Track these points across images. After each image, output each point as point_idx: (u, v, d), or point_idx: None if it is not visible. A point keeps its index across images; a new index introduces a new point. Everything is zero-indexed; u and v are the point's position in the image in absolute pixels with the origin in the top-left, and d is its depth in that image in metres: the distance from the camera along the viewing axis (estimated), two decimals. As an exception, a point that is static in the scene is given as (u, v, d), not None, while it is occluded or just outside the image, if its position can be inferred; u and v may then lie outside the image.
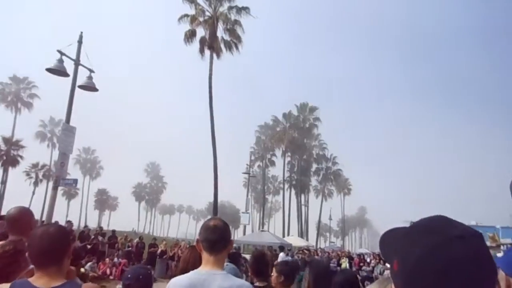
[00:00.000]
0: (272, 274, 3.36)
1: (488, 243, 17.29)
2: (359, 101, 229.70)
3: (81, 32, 13.25)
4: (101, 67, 13.50)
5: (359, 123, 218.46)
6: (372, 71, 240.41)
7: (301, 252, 24.24)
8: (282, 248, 19.74)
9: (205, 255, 2.17)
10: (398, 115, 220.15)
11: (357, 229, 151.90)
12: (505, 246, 24.73)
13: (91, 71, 13.36)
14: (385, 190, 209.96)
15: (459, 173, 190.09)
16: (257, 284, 3.35)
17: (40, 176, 61.03)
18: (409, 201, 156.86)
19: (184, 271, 3.16)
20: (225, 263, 2.97)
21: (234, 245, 19.78)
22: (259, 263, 3.45)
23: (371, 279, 20.36)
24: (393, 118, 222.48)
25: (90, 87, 13.37)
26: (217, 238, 2.14)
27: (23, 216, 2.82)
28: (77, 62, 12.93)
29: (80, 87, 13.19)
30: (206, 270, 2.10)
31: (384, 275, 18.32)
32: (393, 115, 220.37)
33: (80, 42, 13.07)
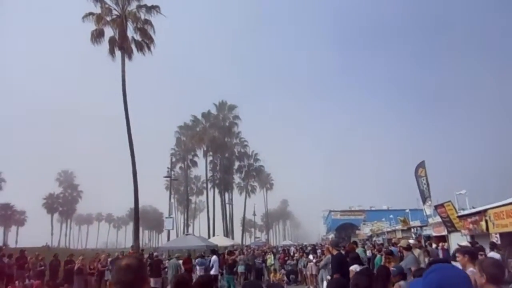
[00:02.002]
0: None
1: (399, 226, 18.67)
2: (276, 96, 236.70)
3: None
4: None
5: (277, 117, 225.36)
6: (286, 62, 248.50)
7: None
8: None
9: None
10: (314, 104, 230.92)
11: (280, 222, 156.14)
12: (415, 228, 26.91)
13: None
14: (304, 181, 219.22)
15: (372, 160, 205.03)
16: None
17: None
18: (326, 190, 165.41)
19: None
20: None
21: (156, 253, 19.16)
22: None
23: (296, 272, 21.08)
24: (308, 110, 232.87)
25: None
26: (129, 279, 1.94)
27: None
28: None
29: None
30: None
31: (307, 267, 19.03)
32: (308, 107, 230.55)
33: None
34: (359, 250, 14.24)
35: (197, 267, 17.73)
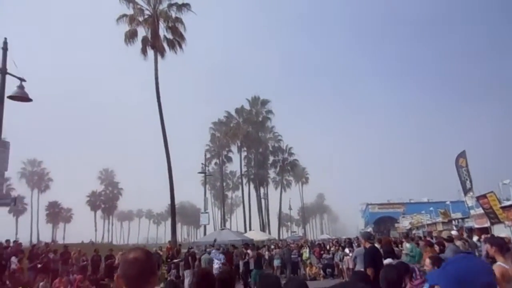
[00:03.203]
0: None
1: (440, 219, 17.98)
2: (310, 90, 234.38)
3: (5, 38, 12.25)
4: (38, 74, 12.50)
5: (311, 111, 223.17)
6: (323, 57, 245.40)
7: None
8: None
9: None
10: (350, 97, 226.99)
11: (317, 216, 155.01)
12: (456, 220, 25.92)
13: (21, 79, 12.37)
14: (341, 174, 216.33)
15: (411, 152, 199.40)
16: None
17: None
18: (364, 183, 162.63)
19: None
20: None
21: (192, 249, 19.34)
22: (203, 283, 3.20)
23: (332, 266, 20.76)
24: (346, 102, 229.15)
25: (21, 97, 12.37)
26: (136, 272, 1.85)
27: None
28: (3, 71, 11.94)
29: (10, 97, 12.20)
30: None
31: (344, 261, 18.69)
32: (346, 98, 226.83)
33: (5, 49, 12.08)
34: (408, 246, 13.58)
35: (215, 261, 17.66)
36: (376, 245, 8.84)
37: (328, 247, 23.05)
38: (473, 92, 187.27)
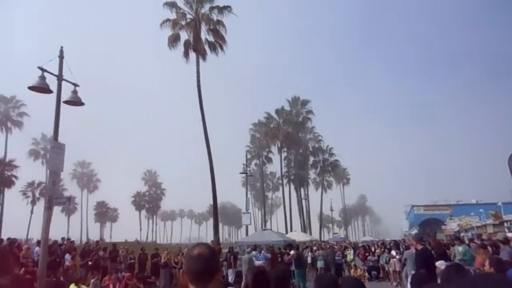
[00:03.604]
0: None
1: (490, 221, 17.18)
2: (351, 90, 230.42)
3: (61, 47, 12.90)
4: (86, 79, 13.10)
5: (351, 111, 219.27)
6: (365, 55, 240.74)
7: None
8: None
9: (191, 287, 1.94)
10: (391, 97, 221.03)
11: (359, 217, 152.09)
12: (509, 222, 24.65)
13: (75, 85, 13.00)
14: (383, 175, 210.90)
15: (457, 152, 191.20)
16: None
17: (37, 195, 60.58)
18: (408, 184, 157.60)
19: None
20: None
21: (236, 250, 19.58)
22: (259, 281, 3.23)
23: (377, 268, 20.29)
24: (385, 102, 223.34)
25: (75, 101, 13.01)
26: (201, 268, 1.89)
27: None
28: (60, 78, 12.58)
29: (66, 102, 12.85)
30: None
31: (390, 263, 18.22)
32: (386, 98, 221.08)
33: (61, 56, 12.70)
34: (461, 249, 12.98)
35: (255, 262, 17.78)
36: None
37: (373, 249, 22.56)
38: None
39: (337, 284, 2.71)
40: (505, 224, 25.12)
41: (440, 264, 7.40)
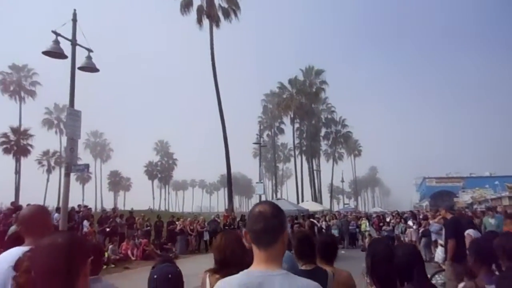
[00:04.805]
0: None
1: (506, 193, 16.84)
2: (364, 60, 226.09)
3: (75, 10, 12.54)
4: (99, 46, 12.80)
5: (365, 81, 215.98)
6: (380, 23, 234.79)
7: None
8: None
9: (255, 250, 1.71)
10: (405, 67, 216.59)
11: (369, 189, 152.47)
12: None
13: (89, 50, 12.74)
14: (393, 147, 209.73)
15: (469, 124, 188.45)
16: (303, 268, 2.97)
17: (52, 163, 61.52)
18: (418, 157, 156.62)
19: (223, 262, 2.75)
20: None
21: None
22: (304, 245, 3.06)
23: (392, 239, 20.24)
24: (400, 70, 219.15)
25: (90, 67, 12.78)
26: (263, 228, 1.67)
27: (38, 216, 2.46)
28: (74, 42, 12.30)
29: (80, 68, 12.62)
30: (259, 270, 1.64)
31: (406, 233, 18.12)
32: (400, 67, 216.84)
33: (74, 20, 12.38)
34: (493, 221, 12.65)
35: None
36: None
37: (389, 219, 22.50)
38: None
39: (391, 250, 2.52)
40: (523, 196, 24.78)
41: (470, 233, 7.21)
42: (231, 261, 2.65)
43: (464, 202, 47.69)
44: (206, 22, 28.36)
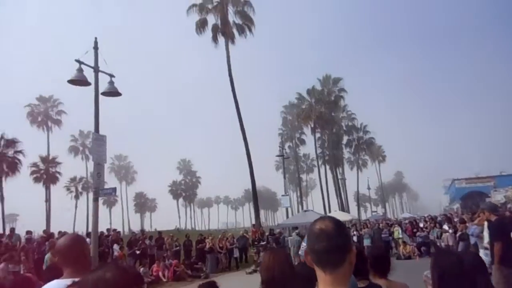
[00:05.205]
0: None
1: None
2: (384, 63, 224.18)
3: (96, 38, 12.82)
4: (119, 71, 13.02)
5: (383, 85, 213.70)
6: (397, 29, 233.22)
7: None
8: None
9: (319, 274, 1.54)
10: (425, 70, 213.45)
11: (396, 195, 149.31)
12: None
13: (111, 76, 12.95)
14: (418, 151, 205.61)
15: (495, 122, 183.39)
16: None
17: (80, 189, 62.61)
18: (445, 158, 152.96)
19: (271, 282, 2.59)
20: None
21: (278, 229, 19.21)
22: (357, 260, 2.87)
23: (427, 244, 19.59)
24: (421, 73, 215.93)
25: (113, 92, 12.97)
26: (327, 247, 1.50)
27: (75, 246, 2.37)
28: (96, 69, 12.54)
29: (103, 94, 12.82)
30: None
31: (442, 238, 17.49)
32: (420, 71, 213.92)
33: (96, 48, 12.65)
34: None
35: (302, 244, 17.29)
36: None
37: (422, 225, 21.81)
38: None
39: (462, 263, 2.30)
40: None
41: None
42: (280, 282, 2.51)
43: (498, 202, 46.08)
44: (221, 39, 28.70)
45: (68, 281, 2.03)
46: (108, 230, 21.50)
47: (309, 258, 1.57)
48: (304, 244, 15.63)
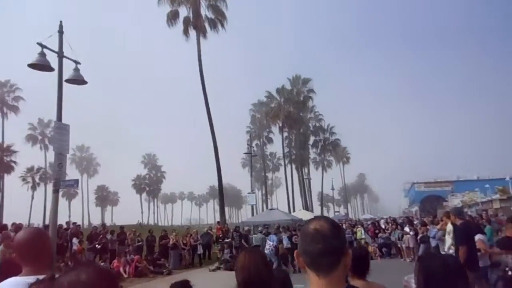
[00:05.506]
0: None
1: (497, 196, 16.94)
2: (351, 67, 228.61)
3: (61, 22, 12.19)
4: (82, 58, 12.35)
5: (350, 88, 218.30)
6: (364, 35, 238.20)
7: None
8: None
9: (312, 277, 1.43)
10: (392, 71, 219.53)
11: (358, 196, 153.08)
12: (517, 197, 24.46)
13: (77, 62, 12.36)
14: (380, 154, 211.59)
15: (455, 129, 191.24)
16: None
17: (37, 180, 60.17)
18: (407, 161, 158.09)
19: (247, 282, 2.47)
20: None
21: (247, 227, 19.05)
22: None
23: (389, 245, 20.07)
24: (387, 76, 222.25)
25: (78, 80, 12.39)
26: (322, 249, 1.39)
27: (37, 242, 2.14)
28: (60, 54, 11.92)
29: (68, 81, 12.23)
30: None
31: (403, 239, 17.95)
32: (388, 72, 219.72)
33: (61, 32, 12.01)
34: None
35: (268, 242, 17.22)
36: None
37: (384, 226, 22.34)
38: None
39: (447, 267, 2.25)
40: (515, 199, 24.92)
41: (480, 238, 7.01)
42: (257, 282, 2.38)
43: (454, 206, 48.08)
44: (193, 33, 28.20)
45: (31, 279, 1.83)
46: (67, 223, 20.69)
47: (301, 260, 1.46)
48: (271, 243, 15.59)
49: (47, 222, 52.63)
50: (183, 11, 28.35)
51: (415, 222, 19.22)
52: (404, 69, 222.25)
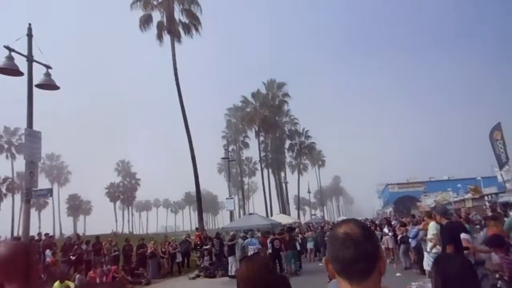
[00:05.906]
0: None
1: (469, 195, 17.28)
2: (324, 72, 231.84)
3: (30, 24, 11.71)
4: (53, 62, 11.85)
5: (325, 92, 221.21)
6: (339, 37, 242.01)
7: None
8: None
9: (342, 284, 1.29)
10: (364, 74, 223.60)
11: (333, 198, 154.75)
12: (489, 196, 25.13)
13: (48, 67, 11.88)
14: (355, 156, 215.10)
15: (426, 130, 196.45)
16: None
17: (4, 190, 57.92)
18: (380, 163, 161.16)
19: None
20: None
21: (232, 232, 18.68)
22: None
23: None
24: (358, 83, 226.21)
25: (49, 85, 11.90)
26: (354, 255, 1.25)
27: (19, 256, 1.88)
28: (30, 58, 11.45)
29: (38, 86, 11.73)
30: None
31: (382, 240, 18.09)
32: (357, 80, 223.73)
33: (30, 35, 11.54)
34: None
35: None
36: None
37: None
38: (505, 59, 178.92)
39: (465, 268, 2.16)
40: (486, 198, 25.57)
41: (465, 237, 7.06)
42: None
43: (427, 206, 49.15)
44: (167, 37, 27.74)
45: None
46: (39, 234, 19.93)
47: (331, 267, 1.32)
48: (253, 246, 15.38)
49: (15, 234, 50.69)
50: (157, 16, 27.94)
51: (392, 223, 19.37)
52: (378, 71, 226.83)
